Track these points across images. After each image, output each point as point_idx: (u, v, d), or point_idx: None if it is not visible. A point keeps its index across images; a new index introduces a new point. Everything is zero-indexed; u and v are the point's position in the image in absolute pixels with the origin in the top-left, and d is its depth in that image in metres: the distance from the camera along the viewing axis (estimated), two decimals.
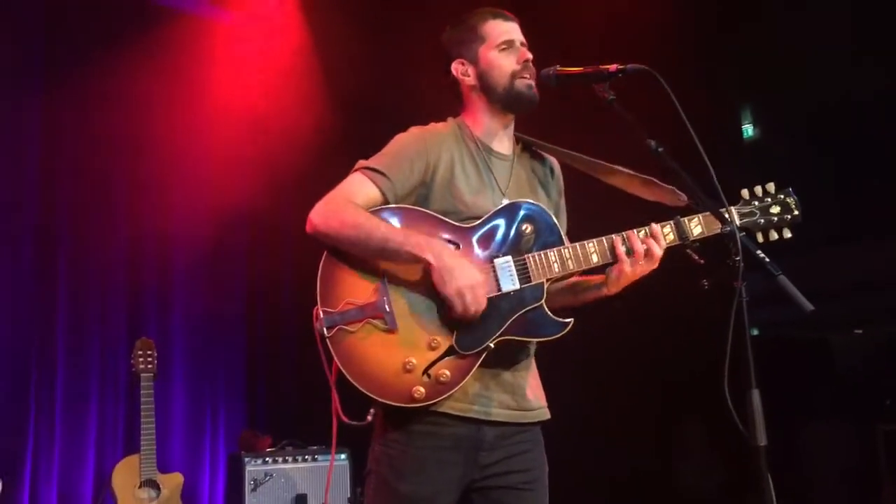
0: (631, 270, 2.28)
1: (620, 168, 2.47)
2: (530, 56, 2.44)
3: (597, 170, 2.51)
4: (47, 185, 5.28)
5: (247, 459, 4.82)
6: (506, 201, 2.37)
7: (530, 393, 2.39)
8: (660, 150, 2.18)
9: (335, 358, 2.18)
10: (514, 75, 2.41)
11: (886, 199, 4.94)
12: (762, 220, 2.33)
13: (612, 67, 2.25)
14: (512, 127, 2.51)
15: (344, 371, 2.18)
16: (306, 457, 4.95)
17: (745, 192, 2.36)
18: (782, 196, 2.35)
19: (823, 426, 5.35)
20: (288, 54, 5.99)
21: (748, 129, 5.80)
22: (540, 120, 2.52)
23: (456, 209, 2.32)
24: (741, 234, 2.03)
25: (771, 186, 2.36)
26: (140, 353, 4.58)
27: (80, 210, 5.35)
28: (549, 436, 2.46)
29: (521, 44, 2.46)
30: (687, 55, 4.41)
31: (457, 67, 2.47)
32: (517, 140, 2.54)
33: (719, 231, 2.18)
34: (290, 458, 4.91)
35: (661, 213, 2.36)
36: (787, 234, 2.33)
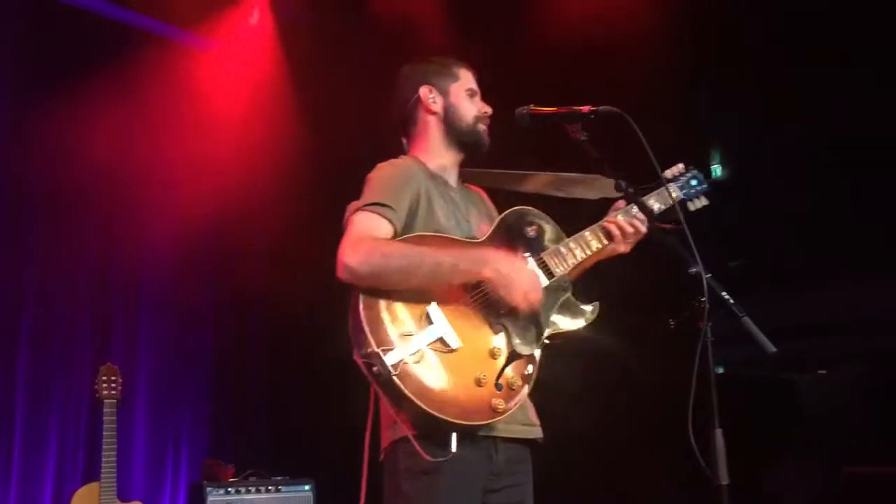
0: (625, 247, 2.53)
1: (563, 173, 2.63)
2: (490, 111, 2.57)
3: (542, 182, 2.66)
4: (14, 206, 5.22)
5: (209, 489, 4.75)
6: (472, 229, 2.46)
7: (530, 408, 2.43)
8: (630, 190, 2.23)
9: (408, 393, 2.10)
10: (477, 119, 2.54)
11: (852, 241, 5.03)
12: (691, 192, 2.61)
13: (585, 109, 2.32)
14: (458, 167, 2.59)
15: (421, 404, 2.10)
16: (270, 487, 4.88)
17: (668, 173, 2.60)
18: (694, 172, 2.63)
19: (788, 467, 5.39)
20: (263, 81, 6.01)
21: (716, 170, 5.89)
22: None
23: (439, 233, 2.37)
24: (707, 276, 2.06)
25: (682, 166, 2.62)
26: (104, 378, 4.51)
27: (47, 233, 5.30)
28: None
29: (482, 99, 2.59)
30: (657, 97, 4.49)
31: (424, 92, 2.53)
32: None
33: (672, 202, 2.50)
34: (253, 489, 4.85)
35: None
36: (706, 201, 2.64)
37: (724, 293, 2.05)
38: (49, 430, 5.16)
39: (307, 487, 4.90)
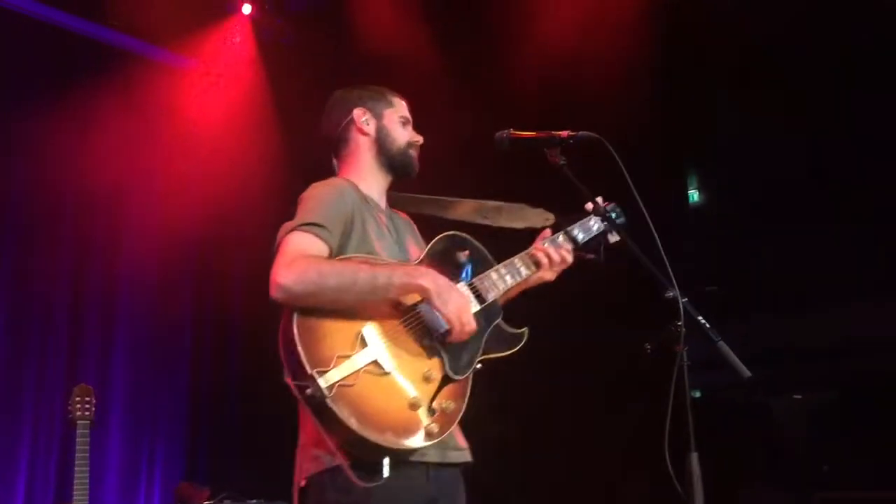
0: (551, 275, 2.56)
1: (490, 202, 2.65)
2: (421, 140, 2.59)
3: (467, 210, 2.66)
4: None
5: None
6: (402, 253, 2.46)
7: (460, 433, 2.41)
8: (607, 214, 2.25)
9: (342, 417, 2.05)
10: (408, 144, 2.56)
11: (827, 268, 5.09)
12: (610, 225, 2.60)
13: (564, 133, 2.35)
14: (386, 190, 2.59)
15: (355, 428, 2.05)
16: None
17: (589, 206, 2.58)
18: (613, 205, 2.61)
19: (762, 492, 5.41)
20: (244, 101, 6.03)
21: (693, 195, 5.96)
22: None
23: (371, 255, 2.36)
24: (684, 300, 2.08)
25: (601, 199, 2.59)
26: (78, 399, 4.45)
27: (21, 252, 5.26)
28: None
29: (413, 128, 2.61)
30: (636, 124, 4.55)
31: (358, 113, 2.54)
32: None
33: (595, 233, 2.56)
34: None
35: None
36: (618, 237, 2.61)
37: (700, 318, 2.07)
38: (20, 449, 5.09)
39: None
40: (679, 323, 2.05)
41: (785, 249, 5.26)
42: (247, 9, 6.01)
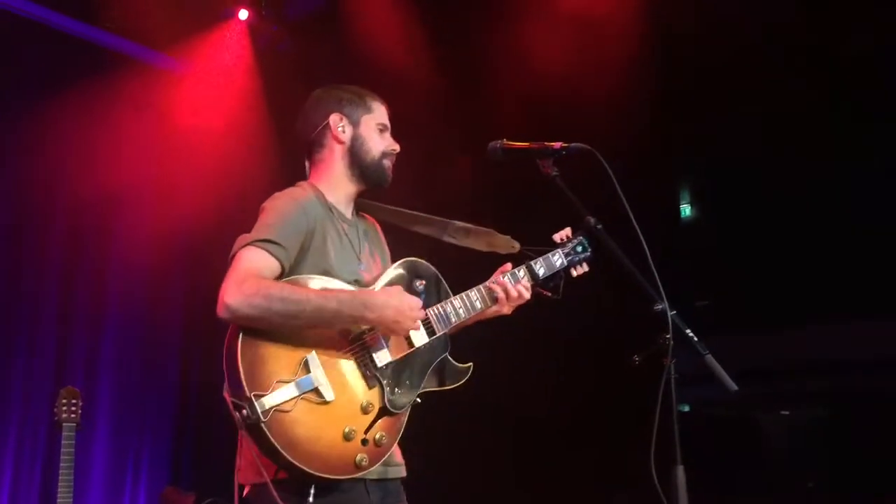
0: (508, 309, 2.53)
1: (457, 222, 2.62)
2: (398, 148, 2.55)
3: (432, 227, 2.63)
4: None
5: None
6: (362, 266, 2.44)
7: (397, 450, 2.41)
8: (598, 227, 2.25)
9: (273, 442, 2.06)
10: (384, 154, 2.52)
11: (815, 284, 5.11)
12: (575, 258, 2.62)
13: (557, 145, 2.35)
14: (355, 197, 2.56)
15: (285, 454, 2.07)
16: None
17: (556, 237, 2.62)
18: (580, 238, 2.63)
19: None
20: (238, 106, 6.01)
21: (686, 209, 5.98)
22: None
23: (326, 274, 2.33)
24: (672, 313, 2.08)
25: (569, 231, 2.63)
26: (64, 401, 4.42)
27: (9, 254, 5.23)
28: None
29: (390, 135, 2.57)
30: (630, 138, 4.57)
31: (335, 119, 2.49)
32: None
33: (558, 268, 2.55)
34: None
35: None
36: (587, 268, 2.65)
37: (688, 331, 2.07)
38: (5, 451, 5.05)
39: None
40: (667, 335, 2.05)
41: (776, 265, 5.28)
42: (243, 14, 6.01)
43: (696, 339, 2.07)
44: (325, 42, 5.96)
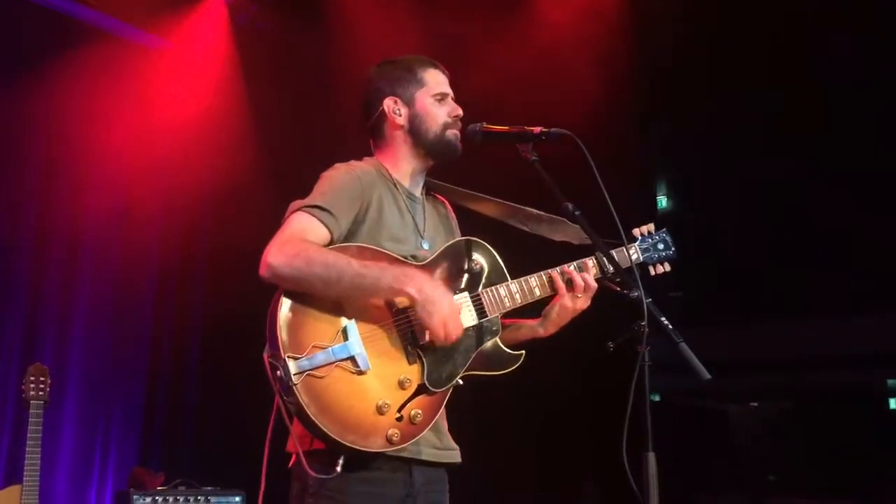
0: (572, 305, 2.41)
1: (528, 209, 2.55)
2: (461, 112, 2.49)
3: (504, 212, 2.57)
4: None
5: (135, 497, 4.63)
6: (426, 244, 2.40)
7: (447, 433, 2.40)
8: (577, 213, 2.24)
9: (304, 405, 2.05)
10: (445, 126, 2.46)
11: (791, 279, 5.16)
12: (655, 255, 2.55)
13: (536, 130, 2.32)
14: (425, 173, 2.53)
15: (315, 419, 2.06)
16: (199, 497, 4.78)
17: (636, 232, 2.56)
18: (662, 234, 2.58)
19: (717, 497, 5.47)
20: (216, 84, 5.95)
21: (662, 201, 6.01)
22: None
23: (379, 246, 2.30)
24: (648, 301, 2.08)
25: (652, 226, 2.57)
26: (32, 378, 4.37)
27: None
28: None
29: (453, 98, 2.51)
30: (611, 132, 4.59)
31: (389, 104, 2.46)
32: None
33: (631, 265, 2.39)
34: (181, 498, 4.73)
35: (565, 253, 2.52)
36: (668, 267, 2.57)
37: (663, 318, 2.07)
38: None
39: (238, 498, 4.81)
40: (642, 323, 2.05)
41: (751, 259, 5.32)
42: None
43: (670, 327, 2.07)
44: (305, 21, 5.91)
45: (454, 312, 2.20)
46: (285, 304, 2.13)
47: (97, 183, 5.55)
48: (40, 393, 4.36)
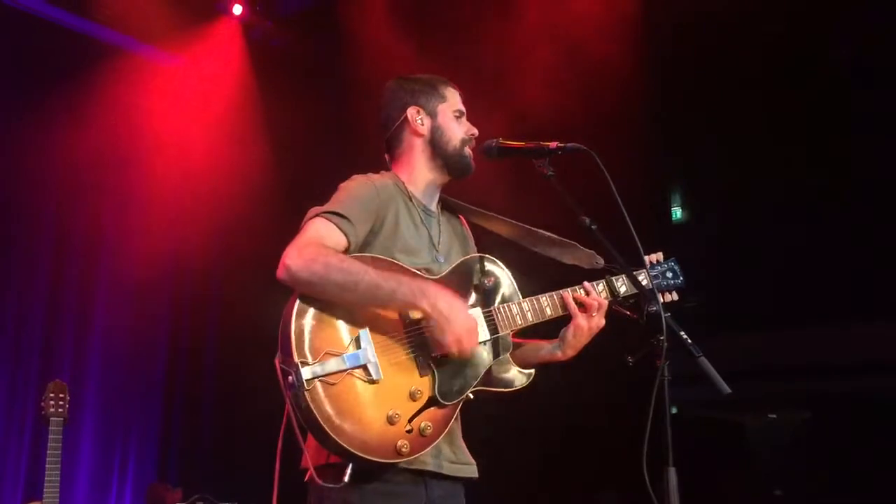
0: (587, 324, 2.39)
1: (541, 231, 2.54)
2: (476, 132, 2.51)
3: (517, 233, 2.57)
4: None
5: None
6: (440, 258, 2.40)
7: (464, 447, 2.39)
8: (593, 227, 2.24)
9: (314, 412, 2.03)
10: (463, 142, 2.47)
11: (804, 288, 5.13)
12: (664, 283, 2.54)
13: (553, 144, 2.32)
14: (440, 188, 2.53)
15: (325, 426, 2.04)
16: None
17: (648, 260, 2.53)
18: (671, 263, 2.58)
19: None
20: (230, 100, 5.99)
21: (677, 212, 6.00)
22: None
23: (394, 258, 2.30)
24: (666, 315, 2.08)
25: (661, 255, 2.56)
26: (52, 395, 4.38)
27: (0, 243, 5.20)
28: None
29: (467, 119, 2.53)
30: (624, 142, 4.58)
31: (412, 113, 2.46)
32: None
33: (644, 289, 2.35)
34: None
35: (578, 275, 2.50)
36: (676, 296, 2.56)
37: (682, 333, 2.07)
38: None
39: None
40: (661, 337, 2.04)
41: (765, 268, 5.30)
42: (237, 9, 5.99)
43: (689, 340, 2.07)
44: (319, 38, 5.95)
45: (470, 328, 2.19)
46: (299, 310, 2.11)
47: (114, 200, 5.59)
48: (59, 410, 4.37)
